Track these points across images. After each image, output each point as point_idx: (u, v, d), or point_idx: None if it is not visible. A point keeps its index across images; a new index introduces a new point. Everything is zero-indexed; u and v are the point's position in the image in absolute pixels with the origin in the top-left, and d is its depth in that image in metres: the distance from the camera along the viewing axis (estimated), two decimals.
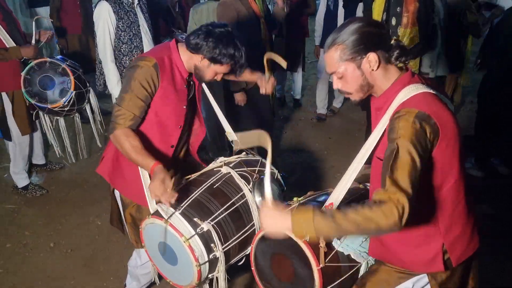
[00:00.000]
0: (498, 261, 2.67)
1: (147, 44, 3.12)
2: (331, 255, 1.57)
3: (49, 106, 3.10)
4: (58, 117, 3.33)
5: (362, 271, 1.67)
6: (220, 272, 1.82)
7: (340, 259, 1.62)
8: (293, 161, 4.10)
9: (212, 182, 1.90)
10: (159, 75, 1.89)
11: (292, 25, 4.68)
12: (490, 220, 3.09)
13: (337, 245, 1.60)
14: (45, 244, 2.96)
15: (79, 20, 4.60)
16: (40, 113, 3.30)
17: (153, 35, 3.20)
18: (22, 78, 3.05)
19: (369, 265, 1.67)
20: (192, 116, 2.18)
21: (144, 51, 3.03)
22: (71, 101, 3.16)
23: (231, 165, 2.01)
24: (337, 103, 5.18)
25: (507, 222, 3.11)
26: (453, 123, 1.34)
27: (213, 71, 1.93)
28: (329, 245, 1.58)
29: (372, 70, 1.36)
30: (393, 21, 3.13)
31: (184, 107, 2.03)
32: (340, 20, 4.27)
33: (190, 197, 1.82)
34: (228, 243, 1.81)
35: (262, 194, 1.84)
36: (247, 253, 1.92)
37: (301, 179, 3.74)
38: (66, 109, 3.19)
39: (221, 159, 2.07)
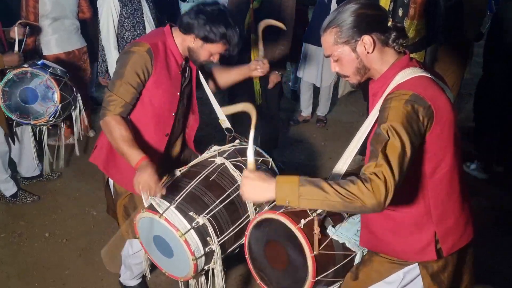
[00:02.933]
0: None
1: (150, 31, 3.08)
2: (325, 242, 1.56)
3: (32, 122, 2.80)
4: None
5: (357, 260, 1.65)
6: (217, 264, 1.81)
7: (335, 247, 1.61)
8: (290, 152, 4.08)
9: (206, 173, 1.88)
10: (152, 61, 1.86)
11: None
12: None
13: (332, 232, 1.59)
14: (40, 234, 2.95)
15: None
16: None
17: (156, 25, 3.16)
18: (0, 91, 2.73)
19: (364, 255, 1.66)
20: (188, 105, 2.14)
21: None
22: (57, 114, 2.86)
23: (225, 155, 1.98)
24: (321, 111, 4.68)
25: None
26: (449, 108, 1.32)
27: (207, 51, 1.89)
28: (323, 233, 1.57)
29: (368, 52, 1.33)
30: (400, 12, 3.07)
31: (178, 93, 2.00)
32: None
33: (185, 190, 1.80)
34: (223, 236, 1.80)
35: None
36: (242, 242, 1.91)
37: (298, 171, 3.72)
38: (51, 122, 2.90)
39: (215, 147, 2.05)
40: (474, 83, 4.03)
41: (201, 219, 1.73)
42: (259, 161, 2.02)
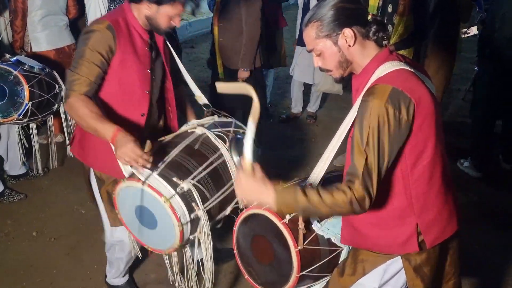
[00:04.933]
0: None
1: None
2: (310, 237, 1.56)
3: (1, 120, 2.70)
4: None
5: (343, 256, 1.65)
6: (203, 232, 1.78)
7: (320, 242, 1.60)
8: (280, 148, 4.08)
9: (188, 143, 1.85)
10: (115, 37, 1.81)
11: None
12: None
13: (317, 228, 1.59)
14: (28, 233, 2.91)
15: None
16: None
17: None
18: None
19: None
20: (162, 81, 2.08)
21: None
22: (29, 113, 2.76)
23: (205, 126, 1.96)
24: (312, 108, 4.74)
25: None
26: (430, 100, 1.32)
27: (165, 15, 1.84)
28: (309, 228, 1.57)
29: (349, 46, 1.33)
30: (389, 8, 3.05)
31: (148, 70, 1.94)
32: None
33: (167, 157, 1.77)
34: (209, 202, 1.78)
35: (239, 153, 1.80)
36: (226, 214, 1.91)
37: (288, 168, 3.72)
38: (24, 120, 2.80)
39: (193, 121, 2.02)
40: (463, 78, 4.06)
41: (185, 185, 1.70)
42: (239, 132, 1.98)
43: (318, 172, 1.48)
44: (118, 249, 2.19)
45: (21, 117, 2.76)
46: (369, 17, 1.34)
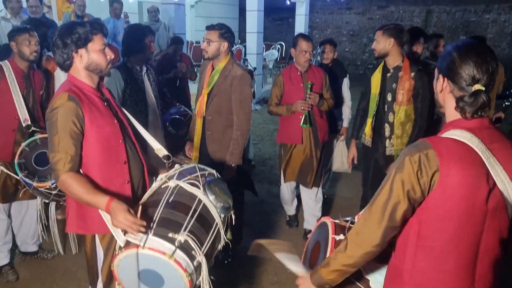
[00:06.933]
0: None
1: (151, 108, 3.16)
2: None
3: (35, 184, 2.73)
4: (46, 200, 2.95)
5: None
6: (203, 274, 1.84)
7: None
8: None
9: (167, 198, 1.91)
10: (79, 104, 1.86)
11: None
12: None
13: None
14: None
15: None
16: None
17: (158, 102, 3.26)
18: (20, 148, 2.76)
19: None
20: (131, 128, 2.15)
21: (149, 117, 3.11)
22: None
23: (175, 178, 2.01)
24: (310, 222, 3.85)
25: None
26: (473, 190, 1.24)
27: (96, 51, 1.92)
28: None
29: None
30: (389, 97, 3.04)
31: (116, 121, 2.01)
32: None
33: (155, 217, 1.82)
34: (204, 245, 1.85)
35: (213, 193, 1.97)
36: (219, 249, 2.04)
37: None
38: (53, 192, 2.78)
39: (161, 175, 2.06)
40: None
41: (181, 237, 1.76)
42: (206, 174, 2.08)
43: None
44: None
45: (53, 186, 2.81)
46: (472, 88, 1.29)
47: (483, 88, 1.26)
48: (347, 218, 1.74)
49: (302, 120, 3.46)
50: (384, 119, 3.09)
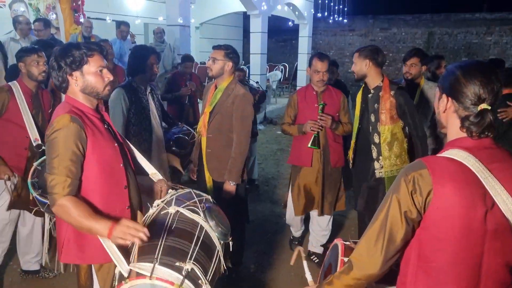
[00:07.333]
0: None
1: (155, 127, 3.21)
2: None
3: (49, 202, 2.68)
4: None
5: None
6: None
7: None
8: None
9: (169, 225, 1.87)
10: (82, 126, 1.81)
11: None
12: None
13: None
14: None
15: None
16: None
17: (161, 120, 3.33)
18: (33, 168, 2.70)
19: None
20: (129, 152, 2.13)
21: (153, 134, 3.14)
22: None
23: (173, 204, 1.98)
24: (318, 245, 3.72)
25: None
26: (468, 211, 1.22)
27: (92, 74, 1.88)
28: None
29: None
30: (372, 118, 3.04)
31: (116, 144, 1.97)
32: None
33: (159, 246, 1.77)
34: (209, 273, 1.84)
35: (213, 218, 1.96)
36: (221, 273, 2.01)
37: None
38: None
39: (157, 201, 2.03)
40: None
41: (188, 265, 1.73)
42: (203, 200, 2.07)
43: None
44: None
45: None
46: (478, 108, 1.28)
47: (489, 108, 1.25)
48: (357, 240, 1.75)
49: (311, 141, 3.30)
50: (370, 141, 3.06)
